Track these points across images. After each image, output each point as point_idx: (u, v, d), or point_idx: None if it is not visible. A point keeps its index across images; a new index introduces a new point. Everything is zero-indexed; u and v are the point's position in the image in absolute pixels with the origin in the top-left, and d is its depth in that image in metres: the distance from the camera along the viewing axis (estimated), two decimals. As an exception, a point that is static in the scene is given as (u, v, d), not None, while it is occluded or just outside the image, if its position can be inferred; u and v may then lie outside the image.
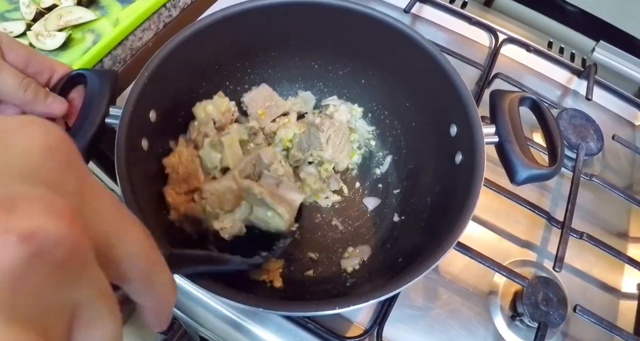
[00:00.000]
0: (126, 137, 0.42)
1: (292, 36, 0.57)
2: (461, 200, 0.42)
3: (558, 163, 0.44)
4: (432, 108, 0.54)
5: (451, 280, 0.57)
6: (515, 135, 0.45)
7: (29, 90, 0.41)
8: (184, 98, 0.53)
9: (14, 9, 0.62)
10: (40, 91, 0.42)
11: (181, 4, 0.68)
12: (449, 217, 0.44)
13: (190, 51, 0.50)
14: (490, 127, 0.46)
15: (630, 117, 0.77)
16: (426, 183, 0.55)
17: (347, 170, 0.62)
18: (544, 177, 0.44)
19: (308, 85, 0.64)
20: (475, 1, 0.85)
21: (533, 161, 0.44)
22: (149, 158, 0.48)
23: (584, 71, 0.77)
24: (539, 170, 0.43)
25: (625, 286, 0.61)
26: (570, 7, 0.82)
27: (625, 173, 0.71)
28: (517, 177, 0.44)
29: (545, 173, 0.44)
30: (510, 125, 0.46)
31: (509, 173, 0.45)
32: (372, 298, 0.37)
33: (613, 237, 0.64)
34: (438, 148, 0.53)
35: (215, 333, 0.52)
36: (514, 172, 0.44)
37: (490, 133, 0.46)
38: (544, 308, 0.53)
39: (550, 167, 0.44)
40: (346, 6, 0.53)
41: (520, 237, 0.61)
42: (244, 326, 0.51)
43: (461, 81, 0.48)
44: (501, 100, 0.47)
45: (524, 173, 0.43)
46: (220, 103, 0.55)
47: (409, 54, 0.53)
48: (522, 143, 0.45)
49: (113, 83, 0.45)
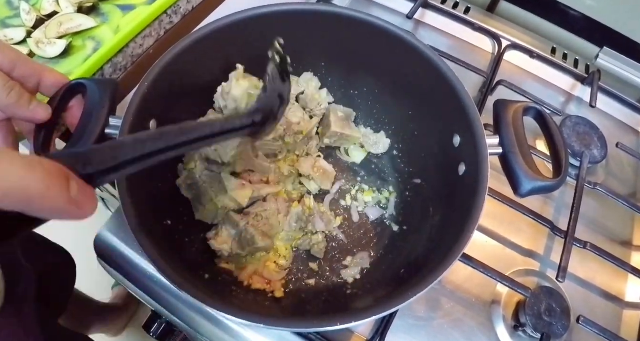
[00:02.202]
0: None
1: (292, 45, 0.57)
2: (465, 212, 0.42)
3: (562, 175, 0.43)
4: (434, 118, 0.53)
5: (454, 290, 0.56)
6: (520, 146, 0.45)
7: (12, 94, 0.40)
8: (184, 108, 0.53)
9: (15, 15, 0.62)
10: (24, 95, 0.41)
11: (182, 11, 0.68)
12: (452, 228, 0.43)
13: (191, 60, 0.49)
14: (494, 137, 0.46)
15: (634, 124, 0.77)
16: (429, 194, 0.55)
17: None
18: (548, 189, 0.43)
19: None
20: (478, 7, 0.85)
21: (537, 173, 0.43)
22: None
23: (588, 78, 0.77)
24: (543, 182, 0.43)
25: (629, 296, 0.61)
26: (574, 13, 0.82)
27: (629, 181, 0.71)
28: (521, 189, 0.43)
29: (550, 186, 0.43)
30: (514, 136, 0.45)
31: (512, 185, 0.44)
32: (375, 314, 0.37)
33: (617, 245, 0.64)
34: (441, 159, 0.53)
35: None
36: (518, 184, 0.43)
37: (494, 144, 0.45)
38: (547, 318, 0.53)
39: (555, 179, 0.43)
40: (347, 14, 0.53)
41: (523, 246, 0.61)
42: (244, 335, 0.50)
43: (465, 91, 0.47)
44: (505, 110, 0.47)
45: (528, 185, 0.43)
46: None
47: (411, 62, 0.52)
48: (526, 155, 0.44)
49: (113, 92, 0.44)
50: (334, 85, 0.62)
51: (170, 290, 0.51)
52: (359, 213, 0.59)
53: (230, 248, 0.52)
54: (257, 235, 0.51)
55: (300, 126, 0.58)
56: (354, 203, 0.60)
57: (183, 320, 0.51)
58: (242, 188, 0.53)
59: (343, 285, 0.53)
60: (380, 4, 0.82)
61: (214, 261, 0.53)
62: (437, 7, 0.80)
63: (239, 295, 0.49)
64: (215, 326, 0.51)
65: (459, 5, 0.84)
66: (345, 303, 0.50)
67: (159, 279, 0.51)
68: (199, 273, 0.47)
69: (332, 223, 0.58)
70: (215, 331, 0.51)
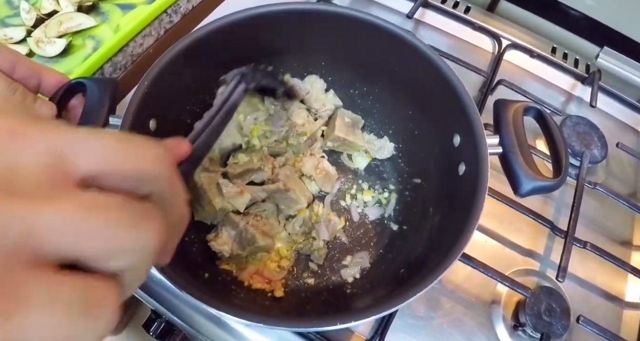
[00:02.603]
0: None
1: (293, 44, 0.57)
2: (465, 212, 0.42)
3: (562, 175, 0.43)
4: (434, 118, 0.53)
5: (453, 290, 0.56)
6: (520, 146, 0.45)
7: (17, 94, 0.40)
8: (184, 108, 0.53)
9: (14, 14, 0.62)
10: (28, 95, 0.41)
11: (182, 10, 0.68)
12: (452, 228, 0.43)
13: (191, 59, 0.49)
14: (494, 137, 0.46)
15: (634, 124, 0.77)
16: (428, 194, 0.55)
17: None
18: (548, 188, 0.43)
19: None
20: (478, 6, 0.85)
21: (537, 172, 0.43)
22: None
23: (588, 77, 0.77)
24: (543, 182, 0.43)
25: (629, 296, 0.61)
26: (574, 12, 0.82)
27: (630, 181, 0.71)
28: (521, 189, 0.43)
29: (550, 185, 0.43)
30: (514, 135, 0.45)
31: (512, 184, 0.44)
32: (374, 314, 0.37)
33: (617, 245, 0.64)
34: (441, 158, 0.53)
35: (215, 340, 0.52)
36: (518, 184, 0.43)
37: (494, 144, 0.45)
38: (547, 318, 0.53)
39: (555, 179, 0.43)
40: (347, 13, 0.52)
41: (523, 245, 0.61)
42: (243, 334, 0.50)
43: (465, 90, 0.47)
44: (505, 110, 0.47)
45: (528, 185, 0.43)
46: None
47: (411, 62, 0.52)
48: (526, 154, 0.44)
49: (113, 92, 0.44)
50: (334, 85, 0.62)
51: (169, 289, 0.51)
52: (358, 213, 0.59)
53: (231, 248, 0.52)
54: (258, 235, 0.51)
55: (305, 127, 0.58)
56: (353, 202, 0.60)
57: (182, 319, 0.51)
58: (240, 195, 0.53)
59: (343, 284, 0.53)
60: (380, 3, 0.82)
61: (213, 261, 0.53)
62: (437, 6, 0.80)
63: (239, 295, 0.49)
64: (215, 325, 0.51)
65: (459, 5, 0.84)
66: (345, 303, 0.50)
67: (158, 278, 0.51)
68: (199, 273, 0.47)
69: (338, 226, 0.57)
70: (215, 330, 0.51)
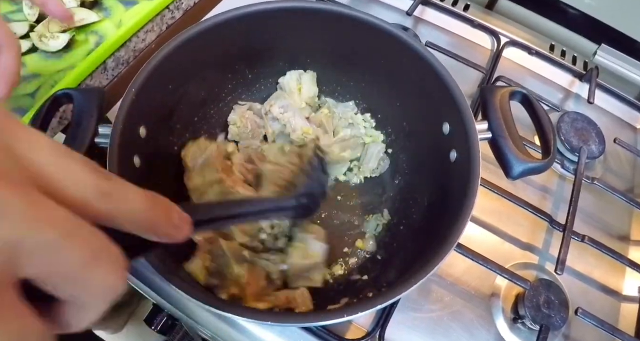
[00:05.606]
0: (118, 156, 0.41)
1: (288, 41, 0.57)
2: (459, 199, 0.42)
3: (551, 155, 0.45)
4: (423, 108, 0.54)
5: (453, 283, 0.57)
6: (508, 130, 0.45)
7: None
8: (174, 111, 0.53)
9: (17, 10, 0.63)
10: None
11: (184, 6, 0.68)
12: (447, 217, 0.44)
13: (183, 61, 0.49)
14: (483, 123, 0.46)
15: (631, 120, 0.77)
16: (422, 184, 0.55)
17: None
18: (538, 169, 0.44)
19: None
20: (477, 4, 0.86)
21: (527, 155, 0.44)
22: (142, 174, 0.47)
23: (586, 74, 0.77)
24: (533, 163, 0.44)
25: (626, 289, 0.61)
26: (572, 10, 0.82)
27: (627, 176, 0.71)
28: (512, 172, 0.44)
29: (540, 166, 0.44)
30: (502, 120, 0.46)
31: (504, 168, 0.45)
32: (374, 305, 0.37)
33: (614, 239, 0.64)
34: (432, 148, 0.53)
35: (216, 333, 0.52)
36: (508, 167, 0.44)
37: (483, 129, 0.46)
38: (546, 310, 0.53)
39: (544, 160, 0.44)
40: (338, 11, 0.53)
41: (522, 239, 0.62)
42: (244, 327, 0.51)
43: (451, 79, 0.48)
44: (492, 95, 0.48)
45: (519, 167, 0.44)
46: (204, 146, 0.52)
47: (396, 53, 0.53)
48: (515, 138, 0.45)
49: (100, 101, 0.44)
50: (322, 79, 0.63)
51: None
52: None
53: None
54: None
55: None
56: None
57: (185, 312, 0.52)
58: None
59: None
60: (380, 0, 0.82)
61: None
62: (437, 4, 0.81)
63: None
64: (218, 318, 0.51)
65: (458, 2, 0.84)
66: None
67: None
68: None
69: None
70: (218, 324, 0.51)
